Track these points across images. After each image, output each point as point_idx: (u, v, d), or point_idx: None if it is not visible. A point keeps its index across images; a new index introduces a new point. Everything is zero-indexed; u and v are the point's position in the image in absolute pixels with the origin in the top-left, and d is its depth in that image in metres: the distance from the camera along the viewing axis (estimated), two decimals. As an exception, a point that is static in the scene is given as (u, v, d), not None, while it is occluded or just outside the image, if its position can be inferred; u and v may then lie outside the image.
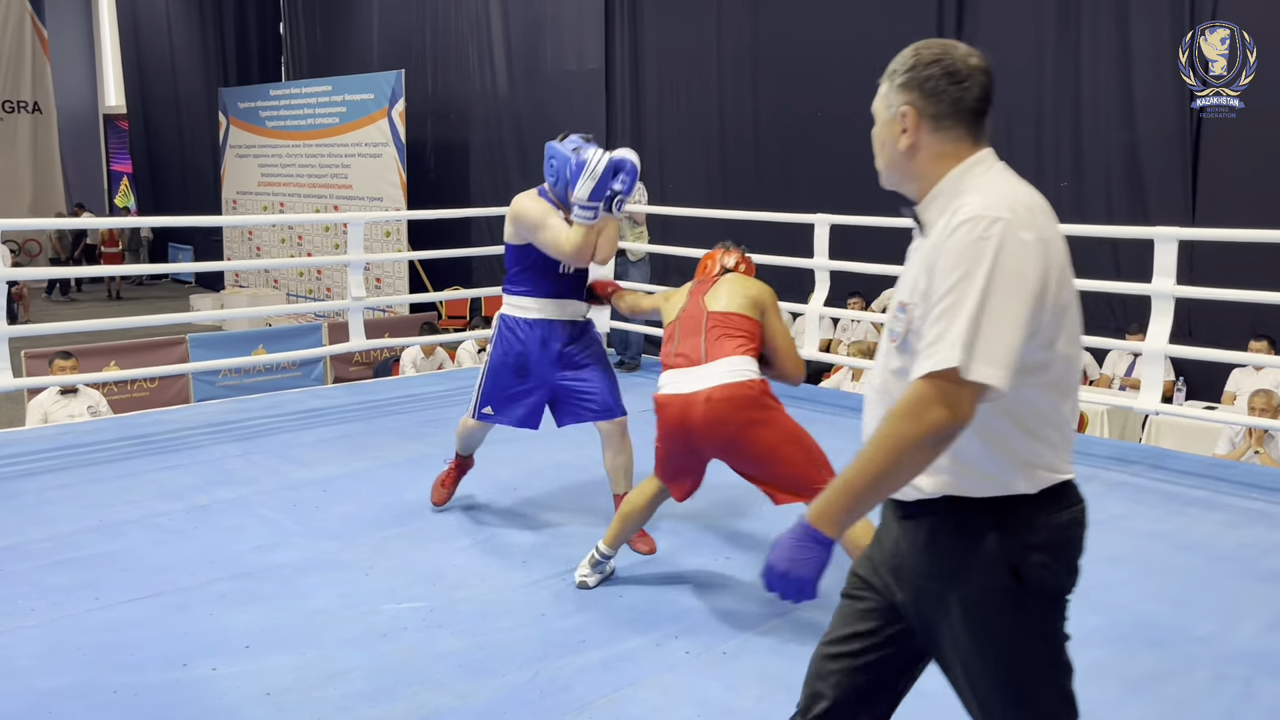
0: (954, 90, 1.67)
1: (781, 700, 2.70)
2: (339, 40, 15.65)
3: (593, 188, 3.51)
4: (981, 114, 1.69)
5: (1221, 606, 3.28)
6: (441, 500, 4.08)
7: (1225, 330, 7.08)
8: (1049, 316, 1.57)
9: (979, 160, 1.69)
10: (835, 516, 1.57)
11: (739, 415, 3.02)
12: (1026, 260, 1.54)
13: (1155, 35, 7.51)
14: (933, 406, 1.51)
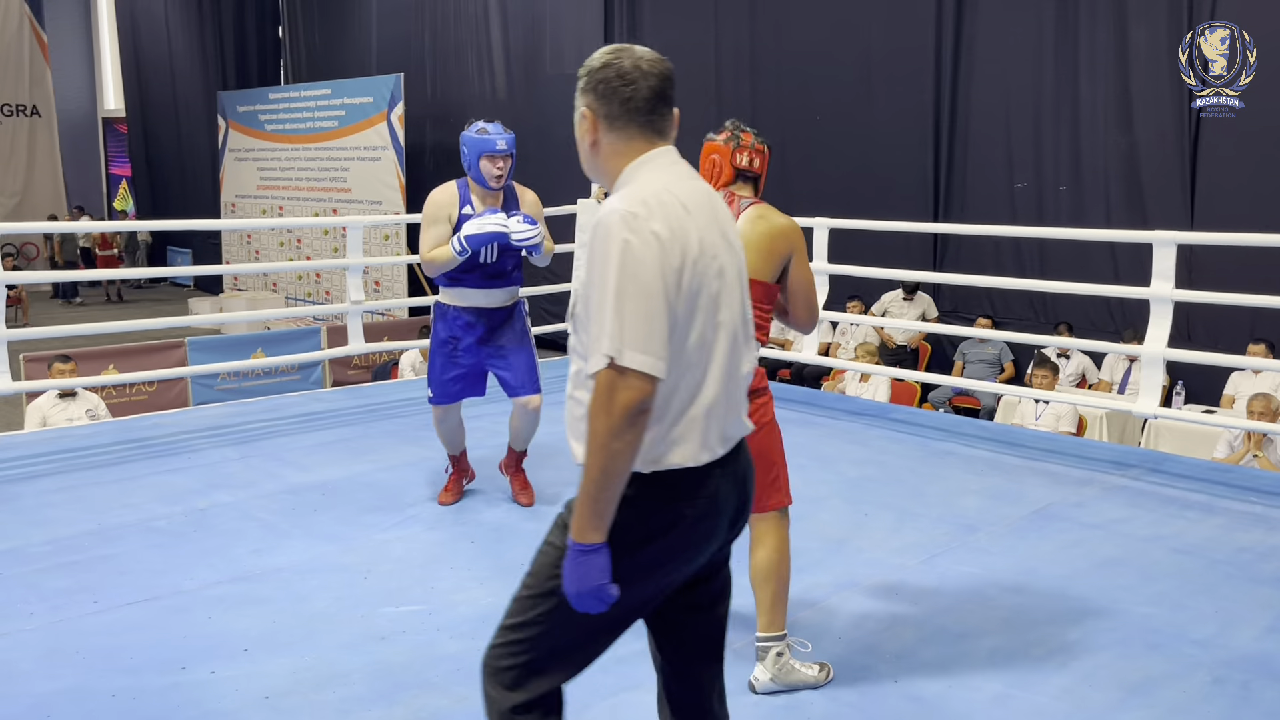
0: (624, 91, 1.78)
1: (780, 706, 2.70)
2: (338, 44, 15.66)
3: (473, 235, 3.80)
4: (654, 113, 1.80)
5: (1220, 610, 3.28)
6: (448, 502, 4.22)
7: (1224, 334, 7.09)
8: (683, 307, 1.69)
9: (651, 157, 1.79)
10: (587, 525, 1.69)
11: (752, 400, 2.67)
12: (649, 254, 1.65)
13: (1153, 38, 7.53)
14: (613, 395, 1.64)
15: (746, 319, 1.85)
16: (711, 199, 1.81)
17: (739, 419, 1.84)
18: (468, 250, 3.81)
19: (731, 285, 1.78)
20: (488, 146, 3.90)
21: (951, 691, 2.77)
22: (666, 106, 1.82)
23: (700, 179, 1.85)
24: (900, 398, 7.71)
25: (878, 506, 4.22)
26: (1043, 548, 3.80)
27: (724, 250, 1.77)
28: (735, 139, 2.97)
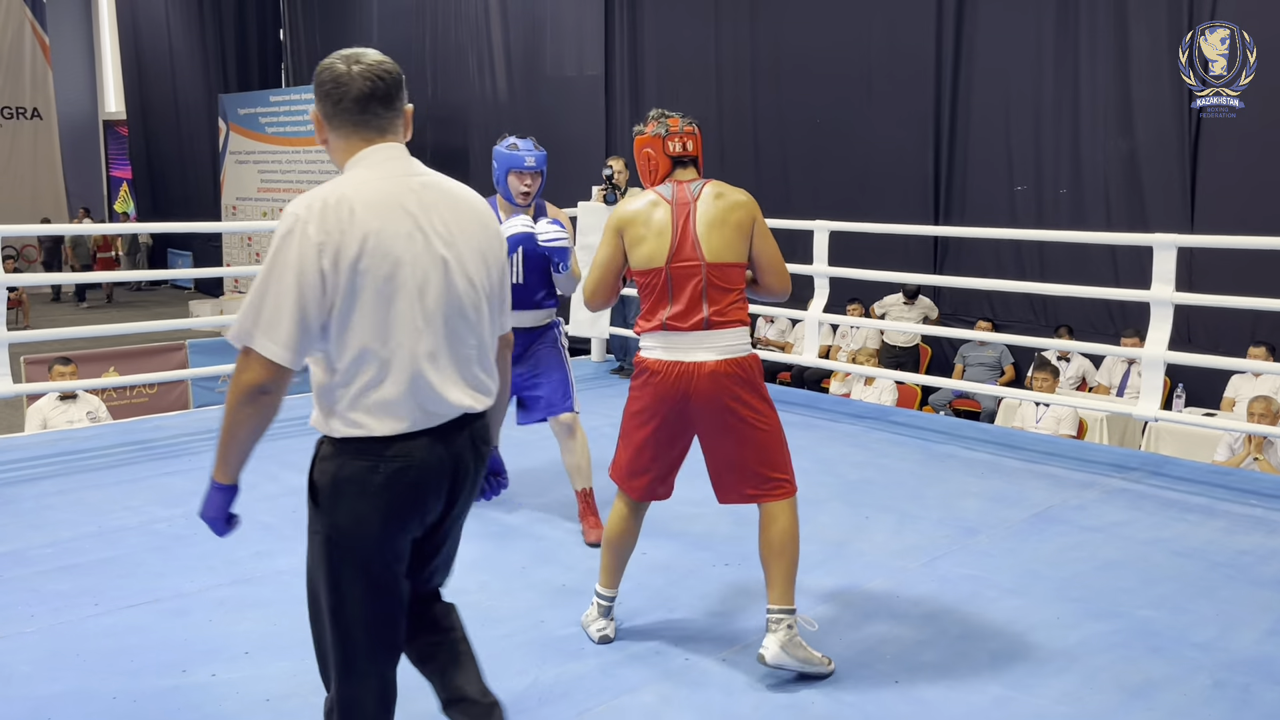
0: (335, 93, 1.95)
1: (781, 708, 2.70)
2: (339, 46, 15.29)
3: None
4: (367, 113, 1.94)
5: (1221, 613, 3.28)
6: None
7: (1224, 336, 7.09)
8: (342, 303, 1.85)
9: (365, 154, 1.95)
10: (217, 468, 2.00)
11: (736, 393, 2.85)
12: (294, 254, 1.82)
13: (1154, 39, 7.53)
14: (240, 373, 1.86)
15: (460, 304, 1.97)
16: (445, 201, 1.97)
17: (453, 398, 1.97)
18: None
19: (427, 274, 1.91)
20: (516, 163, 3.80)
21: (952, 693, 2.77)
22: (382, 106, 1.95)
23: (413, 176, 1.97)
24: (901, 400, 7.71)
25: (878, 509, 4.22)
26: (1043, 550, 3.80)
27: (417, 245, 1.91)
28: (663, 126, 2.97)
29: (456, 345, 1.98)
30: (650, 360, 2.90)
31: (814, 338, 6.38)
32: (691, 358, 2.84)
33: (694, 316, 2.84)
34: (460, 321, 1.98)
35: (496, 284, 2.08)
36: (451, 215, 1.97)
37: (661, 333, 2.87)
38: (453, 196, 2.00)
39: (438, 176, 2.01)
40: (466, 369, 2.00)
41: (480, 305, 2.02)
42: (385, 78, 1.96)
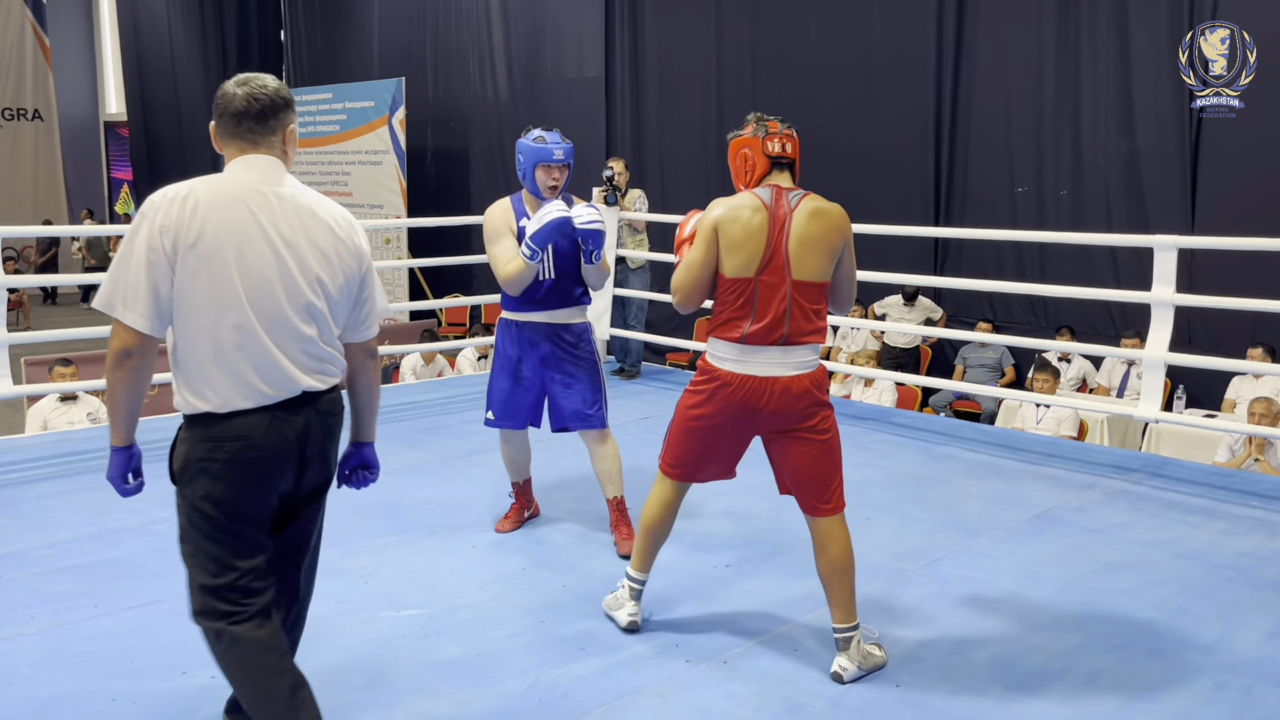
0: (220, 107, 2.32)
1: (781, 710, 2.69)
2: (340, 48, 15.67)
3: (536, 230, 3.53)
4: (240, 127, 2.28)
5: (1222, 615, 3.28)
6: (503, 529, 4.00)
7: (1225, 338, 7.09)
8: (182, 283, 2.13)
9: (235, 162, 2.28)
10: (113, 431, 2.28)
11: (808, 409, 2.86)
12: (151, 236, 2.12)
13: (1154, 40, 7.53)
14: (111, 339, 2.15)
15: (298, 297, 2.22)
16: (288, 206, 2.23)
17: (290, 377, 2.22)
18: (538, 250, 3.54)
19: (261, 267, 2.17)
20: (545, 156, 3.69)
21: (953, 696, 2.76)
22: (255, 123, 2.27)
23: (286, 182, 2.27)
24: (901, 402, 7.71)
25: (879, 510, 4.22)
26: (1044, 552, 3.80)
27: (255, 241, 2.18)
28: (762, 128, 2.94)
29: (291, 332, 2.22)
30: (723, 371, 2.88)
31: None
32: (767, 372, 2.84)
33: (775, 332, 2.83)
34: (296, 311, 2.22)
35: (345, 289, 2.31)
36: (297, 221, 2.23)
37: (739, 345, 2.85)
38: (305, 207, 2.26)
39: (298, 190, 2.28)
40: (303, 353, 2.24)
41: (320, 301, 2.26)
42: (261, 99, 2.27)
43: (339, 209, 2.35)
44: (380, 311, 2.46)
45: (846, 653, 2.85)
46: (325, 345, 2.29)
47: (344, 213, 2.36)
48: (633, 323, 6.93)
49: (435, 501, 4.27)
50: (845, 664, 2.85)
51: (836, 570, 2.88)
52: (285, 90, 2.33)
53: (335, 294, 2.29)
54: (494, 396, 3.85)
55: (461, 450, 5.04)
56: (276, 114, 2.28)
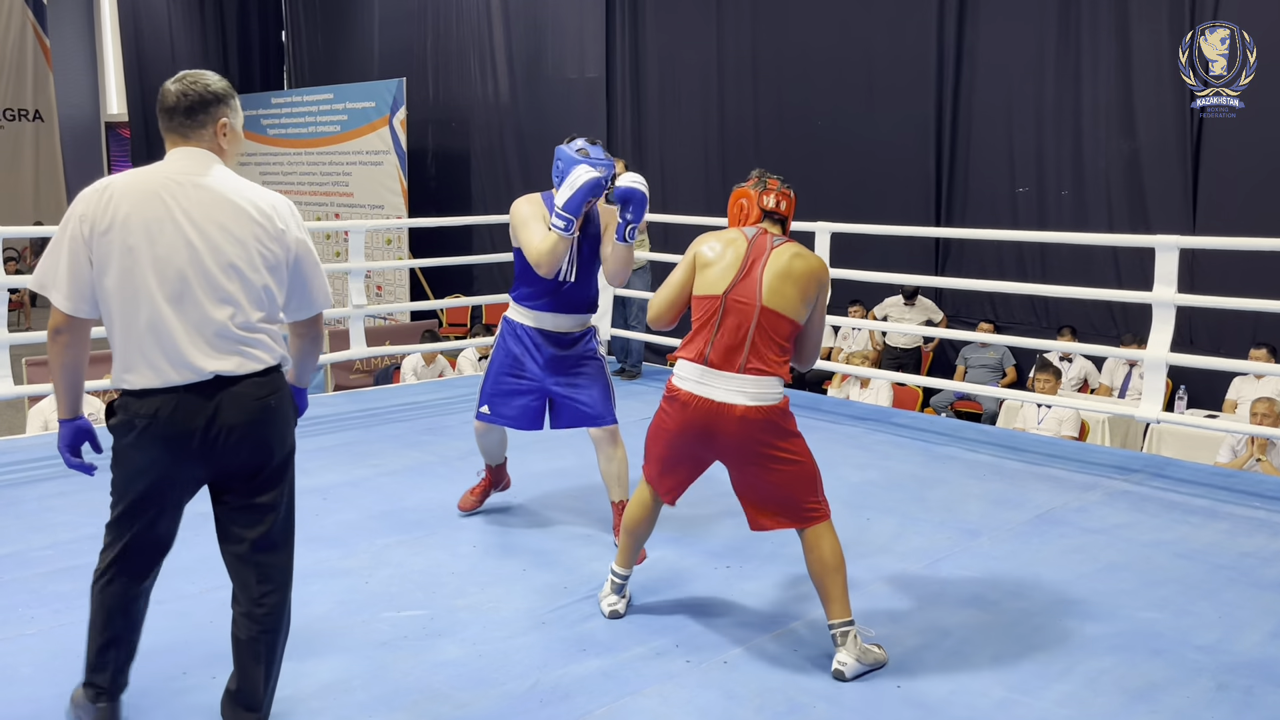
0: (158, 104, 2.48)
1: (782, 711, 2.69)
2: (340, 48, 15.68)
3: (568, 197, 3.49)
4: (172, 121, 2.42)
5: (1223, 616, 3.28)
6: (467, 507, 4.12)
7: (1226, 338, 7.08)
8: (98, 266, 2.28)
9: (169, 154, 2.43)
10: (58, 405, 2.45)
11: (769, 441, 2.91)
12: (72, 224, 2.29)
13: (1155, 41, 7.53)
14: (49, 318, 2.36)
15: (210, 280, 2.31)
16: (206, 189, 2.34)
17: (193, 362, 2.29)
18: (571, 219, 3.48)
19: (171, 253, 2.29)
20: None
21: (954, 696, 2.76)
22: (185, 118, 2.40)
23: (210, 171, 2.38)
24: (902, 402, 7.71)
25: (880, 511, 4.22)
26: (1045, 552, 3.80)
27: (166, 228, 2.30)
28: (762, 184, 3.10)
29: (201, 317, 2.30)
30: (682, 391, 2.94)
31: (815, 339, 6.36)
32: (721, 398, 2.88)
33: (735, 358, 2.88)
34: (207, 296, 2.30)
35: (271, 273, 2.38)
36: (213, 208, 2.33)
37: (700, 366, 2.92)
38: (223, 195, 2.35)
39: (223, 180, 2.37)
40: (216, 337, 2.31)
41: (234, 285, 2.33)
42: (190, 95, 2.40)
43: (266, 196, 2.41)
44: (320, 297, 2.52)
45: (845, 648, 2.87)
46: (243, 330, 2.33)
47: (271, 199, 2.41)
48: (634, 323, 6.93)
49: (436, 502, 4.27)
50: (845, 659, 2.86)
51: (828, 568, 2.92)
52: (220, 86, 2.43)
53: (255, 278, 2.34)
54: (491, 393, 3.83)
55: (462, 451, 5.03)
56: (206, 108, 2.40)
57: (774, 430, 2.91)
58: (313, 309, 2.53)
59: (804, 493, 2.96)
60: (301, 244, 2.44)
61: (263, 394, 2.37)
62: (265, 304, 2.38)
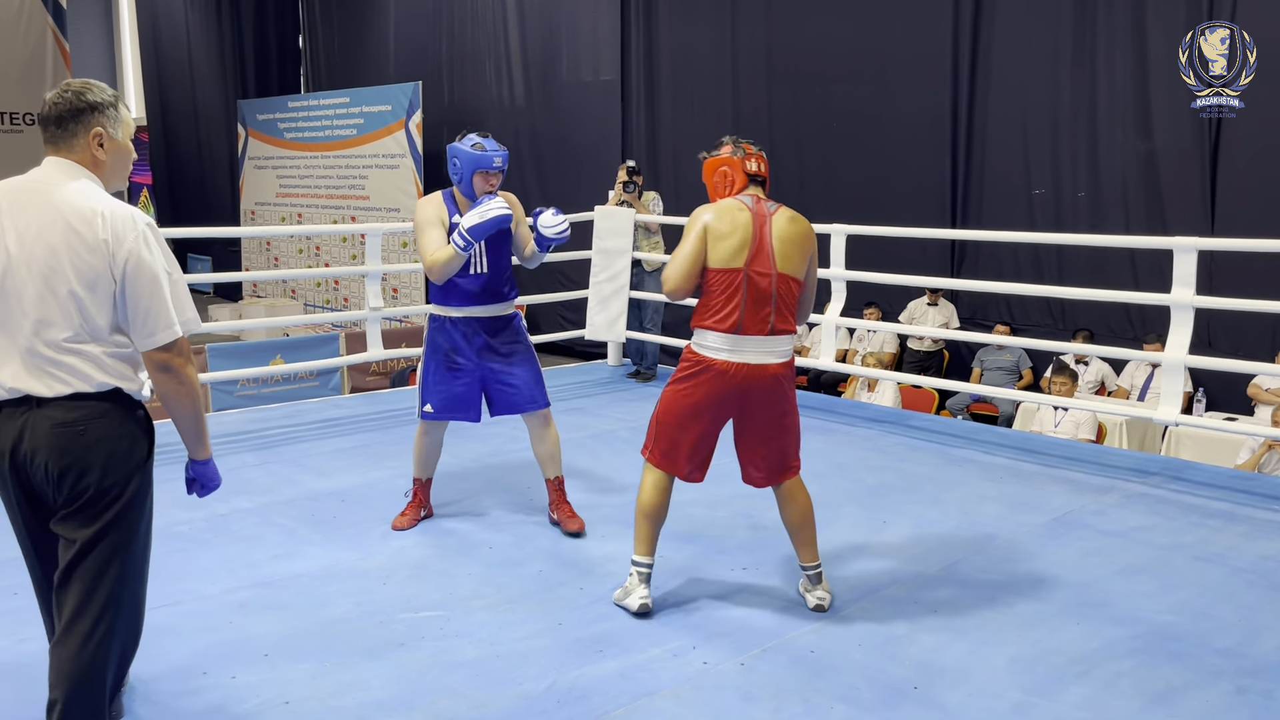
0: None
1: (799, 712, 2.69)
2: (357, 52, 15.75)
3: (477, 224, 3.62)
4: (45, 132, 2.30)
5: (1243, 619, 3.26)
6: (401, 527, 4.01)
7: (1245, 340, 7.03)
8: None
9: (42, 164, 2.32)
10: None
11: (785, 390, 3.20)
12: None
13: (1171, 41, 7.48)
14: None
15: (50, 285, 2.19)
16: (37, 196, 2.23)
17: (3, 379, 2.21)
18: (471, 243, 3.62)
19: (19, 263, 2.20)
20: (484, 163, 3.75)
21: (971, 699, 2.76)
22: (55, 127, 2.29)
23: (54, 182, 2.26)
24: (918, 405, 7.69)
25: (896, 514, 4.21)
26: (1062, 555, 3.78)
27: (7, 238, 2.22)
28: (740, 150, 3.28)
29: (14, 329, 2.21)
30: (716, 360, 3.13)
31: (831, 341, 6.36)
32: (758, 360, 3.12)
33: (765, 323, 3.12)
34: (22, 309, 2.20)
35: (90, 287, 2.20)
36: (36, 218, 2.20)
37: (732, 335, 3.11)
38: (50, 204, 2.21)
39: (55, 189, 2.24)
40: (30, 353, 2.19)
41: (51, 300, 2.19)
42: (59, 104, 2.28)
43: (96, 205, 2.23)
44: (157, 322, 2.25)
45: (821, 585, 3.28)
46: (49, 349, 2.19)
47: (102, 209, 2.22)
48: (649, 325, 6.93)
49: (452, 503, 4.29)
50: (823, 594, 3.27)
51: (806, 517, 3.26)
52: (98, 96, 2.30)
53: (76, 292, 2.19)
54: (431, 390, 3.92)
55: (478, 452, 5.05)
56: (76, 117, 2.28)
57: (790, 381, 3.21)
58: (152, 336, 2.25)
59: (795, 445, 3.27)
60: (134, 258, 2.20)
61: (70, 418, 2.19)
62: (77, 322, 2.20)
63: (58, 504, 2.23)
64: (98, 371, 2.22)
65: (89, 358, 2.21)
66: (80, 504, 2.22)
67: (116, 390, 2.25)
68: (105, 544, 2.24)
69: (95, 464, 2.21)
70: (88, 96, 2.29)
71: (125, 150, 2.37)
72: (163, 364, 2.27)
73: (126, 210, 2.25)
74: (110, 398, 2.24)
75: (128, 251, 2.20)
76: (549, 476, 4.01)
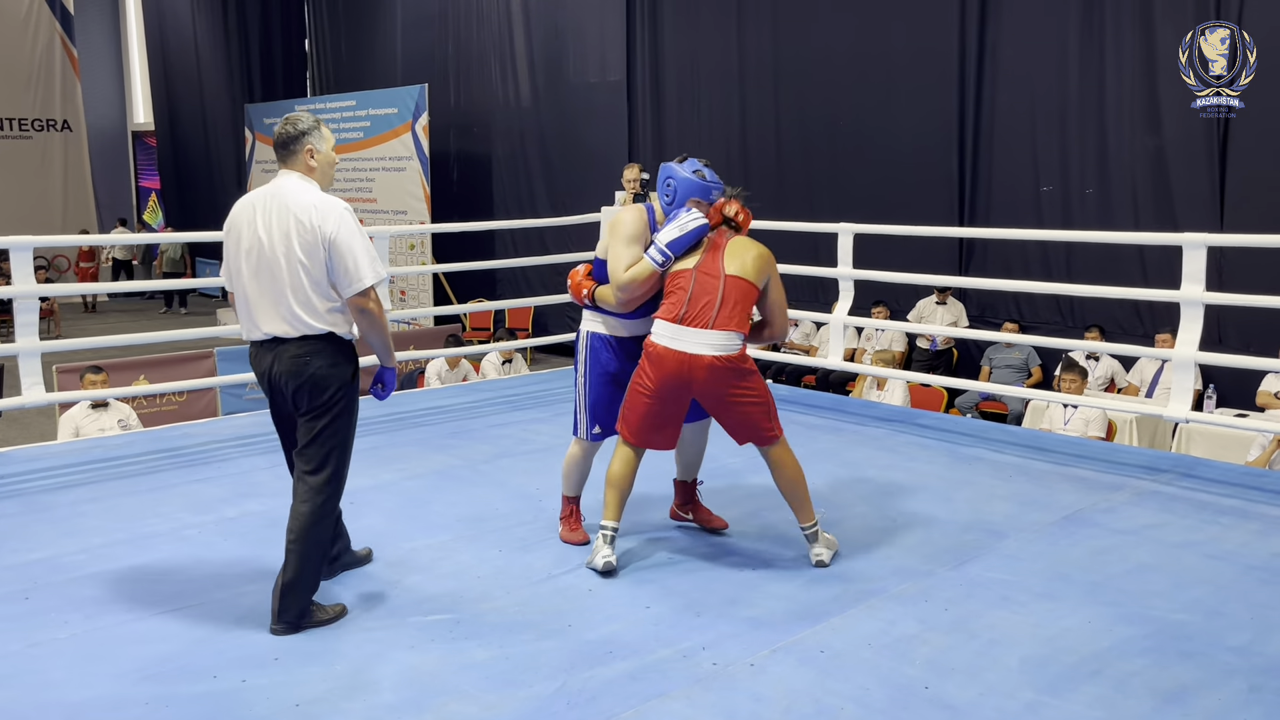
0: None
1: (810, 713, 2.69)
2: (363, 55, 15.78)
3: (677, 238, 3.57)
4: (276, 154, 3.26)
5: (1256, 617, 3.24)
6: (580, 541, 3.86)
7: (1256, 336, 7.00)
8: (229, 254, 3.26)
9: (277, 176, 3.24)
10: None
11: (732, 383, 3.50)
12: None
13: (1179, 37, 7.46)
14: None
15: (271, 266, 3.10)
16: (275, 198, 3.14)
17: (261, 324, 3.16)
18: (670, 257, 3.56)
19: (252, 245, 3.13)
20: (704, 194, 3.63)
21: (983, 699, 2.75)
22: (281, 149, 3.22)
23: (283, 186, 3.15)
24: (927, 403, 7.67)
25: (905, 512, 4.20)
26: (1073, 554, 3.77)
27: (253, 228, 3.14)
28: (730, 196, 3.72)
29: (268, 290, 3.11)
30: (659, 346, 3.51)
31: (839, 340, 6.35)
32: (693, 350, 3.46)
33: (705, 317, 3.48)
34: (270, 276, 3.11)
35: (303, 254, 3.08)
36: (275, 214, 3.11)
37: (675, 325, 3.49)
38: (282, 204, 3.12)
39: (285, 192, 3.13)
40: (277, 306, 3.11)
41: (282, 265, 3.09)
42: (282, 135, 3.21)
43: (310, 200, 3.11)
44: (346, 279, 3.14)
45: (818, 543, 3.62)
46: (296, 302, 3.10)
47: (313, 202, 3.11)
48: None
49: (462, 506, 4.29)
50: (821, 550, 3.61)
51: (796, 479, 3.62)
52: (305, 123, 3.19)
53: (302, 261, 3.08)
54: (600, 409, 3.75)
55: (487, 455, 5.05)
56: (294, 141, 3.19)
57: (735, 374, 3.50)
58: (350, 287, 3.12)
59: (762, 419, 3.58)
60: (335, 235, 3.08)
61: (300, 351, 3.12)
62: (304, 284, 3.08)
63: (298, 409, 3.16)
64: (317, 321, 3.12)
65: (312, 311, 3.11)
66: (309, 407, 3.14)
67: (331, 334, 3.15)
68: (325, 431, 3.16)
69: (316, 381, 3.12)
70: (299, 125, 3.19)
71: (330, 159, 3.26)
72: (359, 306, 3.16)
73: (330, 201, 3.13)
74: (326, 338, 3.15)
75: (331, 230, 3.08)
76: (687, 478, 4.03)
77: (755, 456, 3.78)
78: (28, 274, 5.08)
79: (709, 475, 4.35)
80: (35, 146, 19.06)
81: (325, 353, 3.14)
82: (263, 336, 3.16)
